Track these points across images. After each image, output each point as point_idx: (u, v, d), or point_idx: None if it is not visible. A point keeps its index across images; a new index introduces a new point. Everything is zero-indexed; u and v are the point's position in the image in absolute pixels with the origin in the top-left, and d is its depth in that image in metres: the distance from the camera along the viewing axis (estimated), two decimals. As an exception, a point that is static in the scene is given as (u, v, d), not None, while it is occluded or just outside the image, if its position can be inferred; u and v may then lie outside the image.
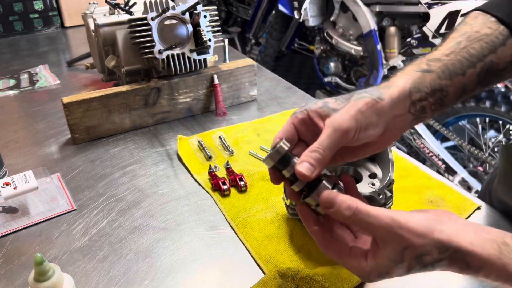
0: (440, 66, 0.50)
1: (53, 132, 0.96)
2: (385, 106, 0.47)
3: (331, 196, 0.43)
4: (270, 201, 0.72)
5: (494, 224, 0.66)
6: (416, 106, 0.49)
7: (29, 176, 0.71)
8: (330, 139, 0.44)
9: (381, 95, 0.47)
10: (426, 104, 0.49)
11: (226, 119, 1.01)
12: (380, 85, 0.50)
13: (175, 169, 0.82)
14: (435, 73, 0.50)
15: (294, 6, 2.40)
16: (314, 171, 0.44)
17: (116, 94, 0.91)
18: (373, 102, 0.46)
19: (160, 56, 0.91)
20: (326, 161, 0.44)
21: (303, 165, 0.44)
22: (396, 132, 0.50)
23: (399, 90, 0.48)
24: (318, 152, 0.44)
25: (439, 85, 0.49)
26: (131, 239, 0.65)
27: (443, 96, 0.50)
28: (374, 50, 2.08)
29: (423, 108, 0.49)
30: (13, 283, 0.57)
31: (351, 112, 0.45)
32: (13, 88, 1.20)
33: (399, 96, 0.48)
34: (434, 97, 0.49)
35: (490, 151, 1.94)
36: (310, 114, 0.48)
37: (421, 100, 0.49)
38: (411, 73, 0.50)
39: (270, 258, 0.60)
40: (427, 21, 1.84)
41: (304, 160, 0.44)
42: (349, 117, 0.45)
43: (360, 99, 0.46)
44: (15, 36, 1.67)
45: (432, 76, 0.50)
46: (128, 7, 0.98)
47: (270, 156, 0.46)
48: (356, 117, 0.45)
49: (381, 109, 0.47)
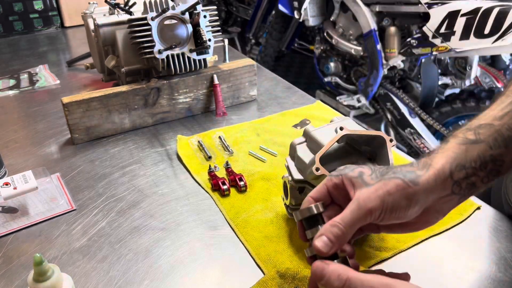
0: (492, 134, 0.44)
1: (53, 132, 0.96)
2: (418, 192, 0.43)
3: (320, 266, 0.41)
4: (270, 201, 0.72)
5: (494, 224, 0.66)
6: (462, 185, 0.44)
7: (28, 176, 0.71)
8: (353, 216, 0.43)
9: (416, 179, 0.44)
10: (475, 179, 0.44)
11: (226, 119, 1.01)
12: (420, 162, 0.46)
13: (175, 169, 0.82)
14: (485, 143, 0.44)
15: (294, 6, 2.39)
16: (332, 247, 0.42)
17: (116, 94, 0.91)
18: (404, 186, 0.43)
19: (160, 56, 0.91)
20: (346, 238, 0.43)
21: (321, 239, 0.42)
22: (439, 214, 0.47)
23: (437, 173, 0.44)
24: (338, 228, 0.42)
25: (490, 156, 0.44)
26: (131, 239, 0.65)
27: (497, 167, 0.44)
28: (374, 50, 2.08)
29: (473, 184, 0.45)
30: (13, 283, 0.57)
31: (379, 192, 0.43)
32: (13, 88, 1.20)
33: (437, 180, 0.44)
34: (486, 170, 0.44)
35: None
36: (345, 180, 0.46)
37: (468, 177, 0.44)
38: (454, 147, 0.45)
39: (270, 258, 0.60)
40: (427, 21, 1.83)
41: (323, 234, 0.43)
42: (376, 197, 0.43)
43: (392, 179, 0.44)
44: (15, 36, 1.67)
45: (481, 147, 0.44)
46: (128, 7, 0.98)
47: (301, 211, 0.46)
48: (383, 198, 0.43)
49: (412, 194, 0.43)
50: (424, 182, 0.43)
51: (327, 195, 0.48)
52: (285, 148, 0.86)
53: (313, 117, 0.99)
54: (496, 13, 1.61)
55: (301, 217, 0.46)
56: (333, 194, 0.48)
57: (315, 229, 0.45)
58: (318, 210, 0.46)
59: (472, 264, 0.59)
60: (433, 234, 0.64)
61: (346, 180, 0.46)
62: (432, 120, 1.96)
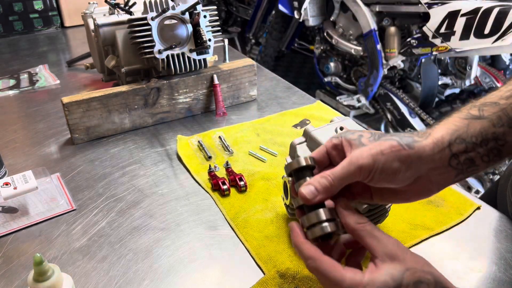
0: (496, 112, 0.43)
1: (53, 132, 0.96)
2: (412, 156, 0.43)
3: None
4: (270, 201, 0.72)
5: (494, 224, 0.66)
6: (460, 158, 0.43)
7: (28, 176, 0.71)
8: (343, 170, 0.43)
9: (412, 143, 0.43)
10: (474, 155, 0.43)
11: (226, 119, 1.01)
12: (420, 132, 0.46)
13: (175, 169, 0.82)
14: (488, 119, 0.43)
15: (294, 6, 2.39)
16: (316, 196, 0.43)
17: (116, 94, 0.91)
18: (399, 147, 0.43)
19: (160, 56, 0.91)
20: (333, 190, 0.44)
21: (307, 187, 0.43)
22: (433, 186, 0.46)
23: (435, 141, 0.43)
24: (327, 180, 0.43)
25: (492, 134, 0.43)
26: (131, 239, 0.65)
27: (499, 146, 0.43)
28: (374, 50, 2.08)
29: (471, 160, 0.44)
30: (13, 283, 0.57)
31: (373, 151, 0.43)
32: (13, 88, 1.20)
33: (434, 148, 0.43)
34: (487, 147, 0.43)
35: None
36: (343, 142, 0.46)
37: (467, 151, 0.43)
38: (456, 121, 0.45)
39: (270, 258, 0.60)
40: (427, 21, 1.83)
41: (311, 183, 0.44)
42: (368, 155, 0.43)
43: (387, 141, 0.44)
44: (15, 36, 1.67)
45: (484, 123, 0.43)
46: (128, 7, 0.98)
47: (290, 163, 0.46)
48: (375, 157, 0.43)
49: (406, 157, 0.43)
50: (420, 147, 0.43)
51: (325, 156, 0.48)
52: (285, 148, 0.86)
53: (313, 117, 0.99)
54: (496, 13, 1.61)
55: (290, 169, 0.46)
56: (332, 155, 0.48)
57: (303, 181, 0.46)
58: (307, 163, 0.46)
59: (472, 264, 0.59)
60: (433, 234, 0.64)
61: (345, 141, 0.46)
62: (432, 120, 1.96)
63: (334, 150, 0.48)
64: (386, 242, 0.41)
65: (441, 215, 0.68)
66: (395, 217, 0.67)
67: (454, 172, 0.44)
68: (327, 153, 0.48)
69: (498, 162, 0.44)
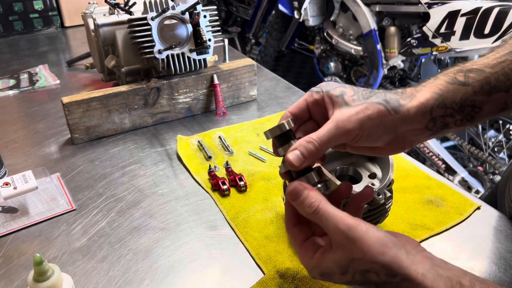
0: (480, 80, 0.44)
1: (53, 132, 0.96)
2: (397, 121, 0.44)
3: (298, 188, 0.43)
4: (270, 201, 0.72)
5: (494, 224, 0.66)
6: (437, 122, 0.45)
7: (28, 176, 0.71)
8: (329, 134, 0.43)
9: (398, 108, 0.44)
10: (450, 120, 0.45)
11: (226, 119, 1.01)
12: (406, 92, 0.46)
13: (175, 169, 0.82)
14: (471, 86, 0.44)
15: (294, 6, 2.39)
16: (304, 162, 0.43)
17: (116, 94, 0.91)
18: (386, 113, 0.44)
19: (159, 56, 0.91)
20: (319, 154, 0.44)
21: (294, 153, 0.43)
22: (406, 144, 0.47)
23: (420, 105, 0.44)
24: (313, 145, 0.43)
25: (471, 101, 0.44)
26: (131, 239, 0.65)
27: (474, 113, 0.45)
28: (374, 50, 2.08)
29: (446, 124, 0.45)
30: (13, 283, 0.57)
31: (360, 116, 0.43)
32: (13, 88, 1.20)
33: (417, 112, 0.44)
34: (463, 113, 0.45)
35: (490, 151, 1.93)
36: (325, 98, 0.46)
37: (445, 116, 0.45)
38: (442, 85, 0.45)
39: (270, 258, 0.60)
40: (427, 21, 1.83)
41: (297, 148, 0.43)
42: (356, 120, 0.43)
43: (374, 104, 0.44)
44: (15, 36, 1.67)
45: (467, 90, 0.44)
46: (128, 7, 0.98)
47: (271, 130, 0.46)
48: (363, 122, 0.43)
49: (391, 122, 0.44)
50: (405, 111, 0.44)
51: (305, 111, 0.48)
52: (285, 148, 0.86)
53: (313, 117, 0.99)
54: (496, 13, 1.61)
55: (271, 136, 0.46)
56: (312, 110, 0.48)
57: (288, 145, 0.45)
58: (290, 126, 0.46)
59: (472, 264, 0.59)
60: (433, 234, 0.64)
61: (327, 97, 0.46)
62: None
63: (314, 105, 0.48)
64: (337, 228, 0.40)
65: (441, 215, 0.68)
66: (395, 217, 0.67)
67: (428, 133, 0.46)
68: (307, 108, 0.48)
69: (468, 126, 0.46)
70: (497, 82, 0.44)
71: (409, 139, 0.47)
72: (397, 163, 0.79)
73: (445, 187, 0.74)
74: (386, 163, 0.61)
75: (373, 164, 0.65)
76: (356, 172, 0.64)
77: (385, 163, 0.62)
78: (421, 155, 2.01)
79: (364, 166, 0.65)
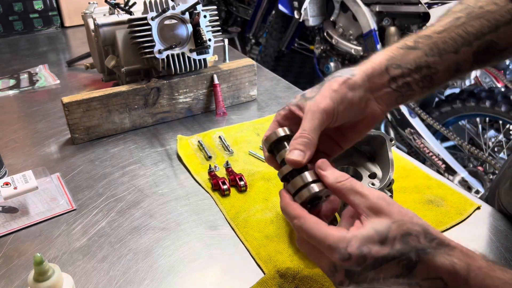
0: (429, 44, 0.49)
1: (53, 132, 0.96)
2: (358, 81, 0.48)
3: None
4: (270, 201, 0.72)
5: (494, 224, 0.66)
6: (398, 82, 0.49)
7: (29, 176, 0.71)
8: (311, 121, 0.45)
9: (354, 71, 0.48)
10: (410, 80, 0.49)
11: (226, 119, 1.01)
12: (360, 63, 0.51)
13: (175, 169, 0.82)
14: (421, 50, 0.49)
15: (294, 6, 2.40)
16: (305, 156, 0.44)
17: (116, 94, 0.91)
18: (345, 79, 0.47)
19: (160, 56, 0.91)
20: (313, 143, 0.45)
21: (292, 153, 0.44)
22: (380, 109, 0.50)
23: (374, 65, 0.49)
24: (304, 137, 0.45)
25: (425, 62, 0.49)
26: (131, 239, 0.65)
27: (431, 73, 0.49)
28: (374, 50, 2.08)
29: (408, 84, 0.49)
30: (13, 283, 0.57)
31: (325, 93, 0.46)
32: (13, 88, 1.20)
33: (373, 72, 0.48)
34: (420, 74, 0.49)
35: (490, 151, 1.94)
36: (292, 108, 0.49)
37: (404, 76, 0.49)
38: (392, 50, 0.50)
39: (270, 258, 0.60)
40: (427, 21, 1.83)
41: (293, 148, 0.45)
42: (324, 97, 0.46)
43: (331, 80, 0.48)
44: (15, 36, 1.67)
45: (417, 53, 0.49)
46: (128, 7, 0.98)
47: (267, 137, 0.48)
48: (330, 96, 0.46)
49: (353, 84, 0.47)
50: (361, 72, 0.48)
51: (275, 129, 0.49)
52: (285, 148, 0.86)
53: (313, 117, 0.99)
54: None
55: (267, 145, 0.48)
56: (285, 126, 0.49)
57: (283, 151, 0.47)
58: (285, 132, 0.47)
59: (472, 264, 0.59)
60: None
61: (293, 107, 0.49)
62: (432, 120, 1.96)
63: (285, 121, 0.50)
64: (369, 197, 0.40)
65: (441, 215, 0.68)
66: (395, 217, 0.67)
67: (395, 95, 0.49)
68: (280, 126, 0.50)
69: (431, 88, 0.50)
70: (445, 44, 0.49)
71: (381, 103, 0.50)
72: (397, 163, 0.79)
73: (445, 187, 0.74)
74: (386, 163, 0.61)
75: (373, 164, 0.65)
76: (356, 172, 0.64)
77: (385, 163, 0.62)
78: (421, 155, 2.01)
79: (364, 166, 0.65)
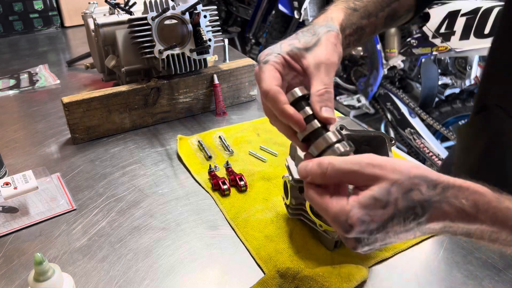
0: (363, 7, 0.57)
1: (53, 132, 0.96)
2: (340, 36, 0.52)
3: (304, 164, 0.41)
4: (270, 201, 0.72)
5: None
6: (347, 40, 0.56)
7: (29, 176, 0.71)
8: (329, 75, 0.46)
9: (334, 26, 0.52)
10: (351, 40, 0.56)
11: (226, 119, 1.01)
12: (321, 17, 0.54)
13: (175, 169, 0.82)
14: (359, 12, 0.57)
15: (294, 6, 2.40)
16: (333, 112, 0.45)
17: (116, 94, 0.91)
18: (336, 34, 0.51)
19: (160, 56, 0.91)
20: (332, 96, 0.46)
21: (326, 109, 0.44)
22: None
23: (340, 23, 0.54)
24: (329, 92, 0.45)
25: (360, 23, 0.57)
26: (131, 239, 0.65)
27: (362, 34, 0.57)
28: (374, 50, 2.08)
29: (348, 44, 0.56)
30: (13, 283, 0.57)
31: (330, 47, 0.48)
32: (13, 88, 1.20)
33: (340, 29, 0.53)
34: (357, 34, 0.57)
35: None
36: (286, 57, 0.48)
37: (350, 35, 0.56)
38: (344, 10, 0.56)
39: (270, 258, 0.60)
40: (427, 21, 1.83)
41: (324, 105, 0.44)
42: (332, 52, 0.48)
43: (329, 33, 0.50)
44: (15, 36, 1.67)
45: (357, 15, 0.57)
46: (128, 7, 0.98)
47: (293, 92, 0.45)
48: (335, 50, 0.49)
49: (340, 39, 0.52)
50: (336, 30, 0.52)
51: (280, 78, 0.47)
52: (285, 148, 0.86)
53: (313, 117, 0.99)
54: (496, 13, 1.61)
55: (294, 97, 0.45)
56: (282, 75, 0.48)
57: (303, 112, 0.45)
58: (303, 92, 0.45)
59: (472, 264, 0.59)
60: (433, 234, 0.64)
61: (286, 56, 0.49)
62: (432, 120, 1.96)
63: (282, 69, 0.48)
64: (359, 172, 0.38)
65: (441, 215, 0.68)
66: (395, 217, 0.67)
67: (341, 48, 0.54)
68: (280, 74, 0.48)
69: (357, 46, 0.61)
70: (372, 9, 0.58)
71: None
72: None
73: (445, 187, 0.74)
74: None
75: None
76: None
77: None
78: (421, 155, 2.01)
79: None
